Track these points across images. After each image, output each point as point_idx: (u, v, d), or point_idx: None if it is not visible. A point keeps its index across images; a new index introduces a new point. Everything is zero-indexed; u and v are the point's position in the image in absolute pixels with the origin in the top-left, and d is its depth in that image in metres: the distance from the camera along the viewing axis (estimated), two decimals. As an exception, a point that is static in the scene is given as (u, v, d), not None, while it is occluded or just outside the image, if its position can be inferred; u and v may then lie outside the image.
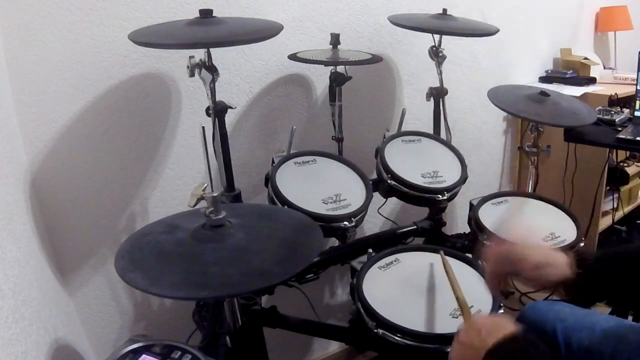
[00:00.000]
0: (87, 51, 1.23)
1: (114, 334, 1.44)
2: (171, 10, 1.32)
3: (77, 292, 1.35)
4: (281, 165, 1.33)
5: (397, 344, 1.00)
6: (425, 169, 1.44)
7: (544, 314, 1.03)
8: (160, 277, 0.78)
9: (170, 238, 0.89)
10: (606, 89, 2.16)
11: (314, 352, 1.89)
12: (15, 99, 1.17)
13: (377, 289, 1.12)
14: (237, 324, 1.02)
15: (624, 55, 2.78)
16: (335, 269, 1.66)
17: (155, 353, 0.84)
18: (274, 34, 1.16)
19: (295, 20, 1.53)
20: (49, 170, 1.24)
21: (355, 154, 1.60)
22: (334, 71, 1.48)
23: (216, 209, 0.89)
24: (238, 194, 1.34)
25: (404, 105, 1.86)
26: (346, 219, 1.22)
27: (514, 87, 1.80)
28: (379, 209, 1.76)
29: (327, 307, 1.88)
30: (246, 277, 0.80)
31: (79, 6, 1.19)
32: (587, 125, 1.61)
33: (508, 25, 2.06)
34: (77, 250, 1.33)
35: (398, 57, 1.80)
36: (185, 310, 1.32)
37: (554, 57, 2.46)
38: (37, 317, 0.91)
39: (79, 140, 1.27)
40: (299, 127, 1.50)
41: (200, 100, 1.42)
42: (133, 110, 1.33)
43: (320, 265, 1.37)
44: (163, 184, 1.43)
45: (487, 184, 2.28)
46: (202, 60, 1.17)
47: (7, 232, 0.88)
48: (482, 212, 1.40)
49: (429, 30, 1.50)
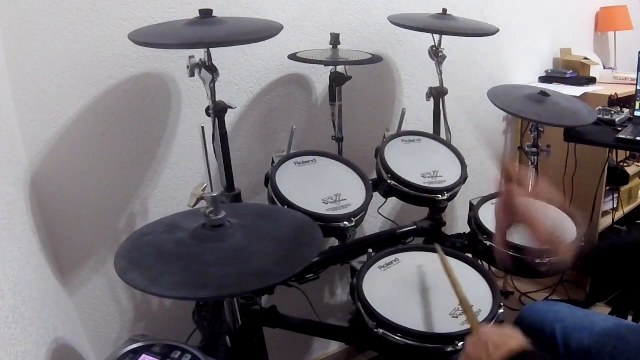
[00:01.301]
0: (87, 51, 1.23)
1: (114, 334, 1.44)
2: (171, 10, 1.32)
3: (77, 292, 1.35)
4: (281, 165, 1.33)
5: (397, 343, 1.00)
6: (425, 169, 1.44)
7: (543, 314, 1.03)
8: (159, 277, 0.78)
9: (170, 238, 0.89)
10: (606, 89, 2.16)
11: (314, 352, 1.89)
12: (15, 99, 1.17)
13: (377, 289, 1.12)
14: (237, 324, 1.02)
15: (624, 55, 2.78)
16: (335, 269, 1.66)
17: (155, 353, 0.84)
18: (274, 34, 1.16)
19: (295, 20, 1.53)
20: (49, 170, 1.24)
21: (355, 154, 1.60)
22: (334, 71, 1.48)
23: (216, 209, 0.89)
24: (238, 194, 1.34)
25: (404, 105, 1.86)
26: (346, 219, 1.23)
27: (514, 87, 1.80)
28: (379, 209, 1.76)
29: (327, 307, 1.88)
30: (245, 277, 0.80)
31: (79, 6, 1.20)
32: (587, 125, 1.61)
33: (508, 25, 2.06)
34: (77, 250, 1.33)
35: (398, 57, 1.81)
36: (185, 310, 1.32)
37: (554, 57, 2.46)
38: (37, 317, 0.91)
39: (79, 140, 1.27)
40: (299, 127, 1.50)
41: (200, 100, 1.42)
42: (133, 110, 1.33)
43: (320, 265, 1.37)
44: (163, 184, 1.43)
45: (487, 184, 2.28)
46: (202, 60, 1.17)
47: (7, 232, 0.88)
48: (482, 212, 1.40)
49: (429, 30, 1.50)
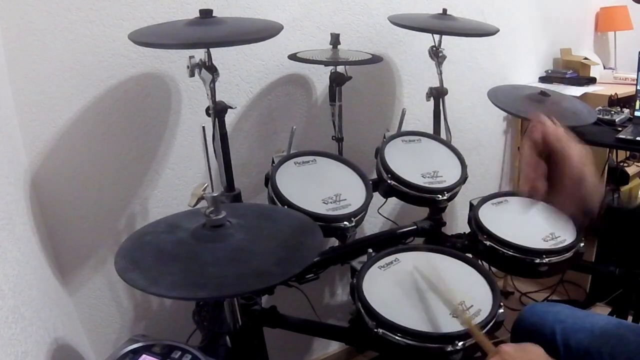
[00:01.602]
0: (87, 51, 1.23)
1: (114, 334, 1.44)
2: (171, 10, 1.32)
3: (77, 292, 1.35)
4: (281, 165, 1.33)
5: (397, 343, 1.00)
6: (425, 169, 1.44)
7: (543, 315, 1.03)
8: (159, 276, 0.78)
9: (170, 238, 0.89)
10: (606, 89, 2.16)
11: (314, 352, 1.89)
12: (15, 99, 1.17)
13: (377, 289, 1.12)
14: (237, 324, 1.02)
15: (624, 55, 2.78)
16: (335, 269, 1.66)
17: (155, 353, 0.84)
18: (274, 34, 1.16)
19: (295, 20, 1.53)
20: (49, 170, 1.24)
21: (355, 154, 1.60)
22: (334, 71, 1.48)
23: (216, 209, 0.89)
24: (238, 194, 1.34)
25: (404, 105, 1.86)
26: (346, 219, 1.22)
27: (514, 87, 1.80)
28: (379, 209, 1.76)
29: (327, 307, 1.88)
30: (245, 277, 0.80)
31: (79, 6, 1.19)
32: (587, 125, 1.61)
33: (508, 25, 2.06)
34: (77, 250, 1.33)
35: (398, 57, 1.81)
36: (185, 310, 1.32)
37: (554, 57, 2.46)
38: (37, 317, 0.91)
39: (79, 140, 1.27)
40: (299, 127, 1.50)
41: (200, 100, 1.42)
42: (133, 110, 1.33)
43: (320, 265, 1.37)
44: (163, 184, 1.43)
45: (487, 184, 2.28)
46: (202, 60, 1.17)
47: (7, 232, 0.88)
48: (482, 212, 1.40)
49: (429, 30, 1.50)
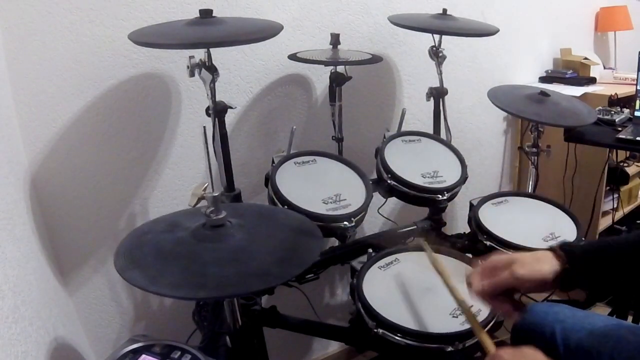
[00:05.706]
0: (87, 51, 1.23)
1: (114, 334, 1.44)
2: (171, 10, 1.32)
3: (77, 292, 1.35)
4: (281, 165, 1.33)
5: (397, 343, 1.00)
6: (425, 169, 1.44)
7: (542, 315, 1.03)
8: (159, 275, 0.78)
9: (170, 237, 0.89)
10: (606, 89, 2.16)
11: (314, 352, 1.89)
12: (15, 99, 1.17)
13: (377, 289, 1.12)
14: (237, 324, 1.02)
15: (624, 55, 2.79)
16: (335, 269, 1.66)
17: (155, 353, 0.83)
18: (274, 34, 1.16)
19: (295, 20, 1.53)
20: (49, 170, 1.24)
21: (355, 154, 1.60)
22: (334, 71, 1.48)
23: (217, 209, 0.88)
24: (238, 194, 1.34)
25: (404, 105, 1.86)
26: (346, 219, 1.22)
27: (514, 87, 1.80)
28: (379, 209, 1.75)
29: (327, 307, 1.88)
30: (245, 277, 0.79)
31: (79, 6, 1.19)
32: (587, 125, 1.61)
33: (508, 25, 2.06)
34: (77, 250, 1.33)
35: (398, 57, 1.80)
36: (185, 310, 1.32)
37: (554, 57, 2.46)
38: (37, 317, 0.91)
39: (79, 140, 1.27)
40: (299, 127, 1.50)
41: (200, 100, 1.42)
42: (133, 110, 1.33)
43: (320, 265, 1.37)
44: (163, 184, 1.43)
45: (487, 184, 2.28)
46: (202, 60, 1.17)
47: (7, 232, 0.88)
48: (482, 212, 1.40)
49: (429, 30, 1.50)
